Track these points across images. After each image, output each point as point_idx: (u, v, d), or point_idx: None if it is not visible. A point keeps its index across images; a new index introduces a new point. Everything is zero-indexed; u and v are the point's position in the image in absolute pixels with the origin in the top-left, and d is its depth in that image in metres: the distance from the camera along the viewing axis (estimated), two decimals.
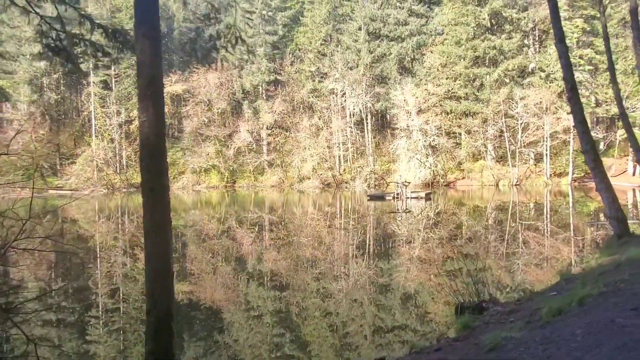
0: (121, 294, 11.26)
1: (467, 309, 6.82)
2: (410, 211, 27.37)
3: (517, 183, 44.62)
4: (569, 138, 42.81)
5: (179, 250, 17.42)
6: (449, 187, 47.27)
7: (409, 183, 37.43)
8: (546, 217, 24.78)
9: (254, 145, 58.31)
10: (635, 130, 45.10)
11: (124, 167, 61.74)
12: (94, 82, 60.02)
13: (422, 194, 34.36)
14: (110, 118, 59.36)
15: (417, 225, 22.40)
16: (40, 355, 6.08)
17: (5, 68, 61.31)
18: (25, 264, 13.38)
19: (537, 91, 42.49)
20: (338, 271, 12.87)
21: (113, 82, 62.34)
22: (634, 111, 44.40)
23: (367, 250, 16.27)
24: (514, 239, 17.52)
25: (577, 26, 44.05)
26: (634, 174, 46.43)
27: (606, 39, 14.78)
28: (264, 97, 60.19)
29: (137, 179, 61.22)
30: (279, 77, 59.45)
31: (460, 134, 48.29)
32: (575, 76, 38.72)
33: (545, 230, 19.86)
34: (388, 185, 48.51)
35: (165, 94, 48.38)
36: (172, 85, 58.95)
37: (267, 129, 58.67)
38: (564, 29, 41.65)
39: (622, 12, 44.93)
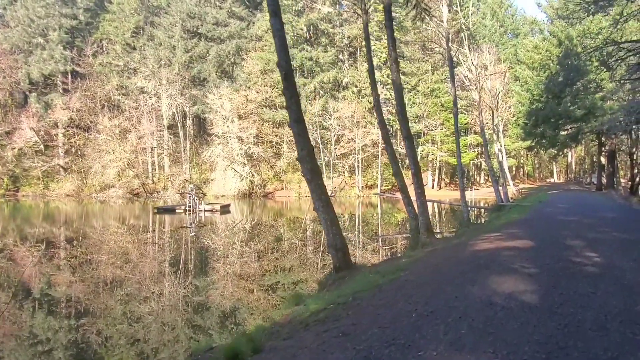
0: None
1: None
2: (204, 225, 23.98)
3: (332, 194, 44.79)
4: (378, 152, 44.57)
5: None
6: (268, 197, 45.36)
7: (204, 195, 33.96)
8: (358, 228, 24.12)
9: (42, 146, 48.34)
10: (431, 147, 49.67)
11: None
12: None
13: (217, 207, 31.12)
14: None
15: (203, 241, 19.32)
16: None
17: None
18: None
19: (349, 105, 43.35)
20: (146, 292, 11.41)
21: None
22: (432, 129, 48.72)
23: (177, 268, 14.46)
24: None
25: (386, 47, 46.42)
26: (433, 187, 50.87)
27: (367, 39, 13.30)
28: (60, 91, 50.65)
29: None
30: (78, 69, 50.65)
31: (278, 143, 46.92)
32: (383, 94, 39.48)
33: (356, 242, 19.09)
34: (204, 195, 44.47)
35: None
36: None
37: (62, 127, 49.29)
38: (374, 48, 43.04)
39: (423, 38, 49.14)
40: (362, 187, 46.53)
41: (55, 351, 7.74)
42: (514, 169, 54.35)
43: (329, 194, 37.79)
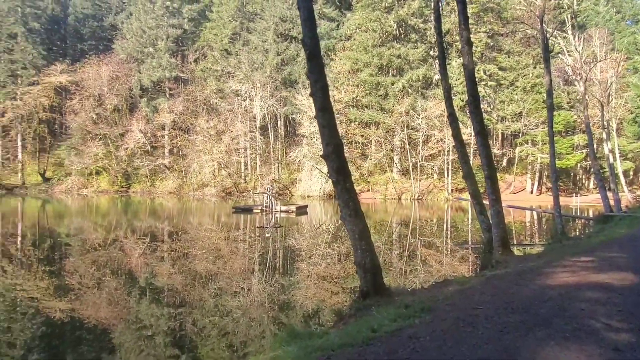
0: None
1: None
2: (281, 226, 24.25)
3: (419, 197, 43.40)
4: (470, 153, 42.26)
5: (59, 261, 15.49)
6: None
7: (291, 194, 34.32)
8: (446, 233, 23.11)
9: (149, 147, 52.94)
10: (531, 148, 45.91)
11: None
12: None
13: (293, 208, 31.24)
14: None
15: (285, 242, 19.54)
16: None
17: None
18: None
19: (438, 103, 41.62)
20: (236, 287, 11.92)
21: None
22: (532, 129, 45.09)
23: (264, 265, 14.92)
24: (411, 256, 15.98)
25: (481, 40, 43.91)
26: (532, 192, 47.09)
27: (437, 20, 12.40)
28: (166, 96, 55.13)
29: (12, 179, 53.69)
30: (181, 75, 54.78)
31: (364, 144, 46.55)
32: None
33: (444, 247, 18.37)
34: (292, 196, 45.60)
35: (47, 85, 42.74)
36: (58, 76, 52.38)
37: (166, 130, 53.64)
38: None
39: (524, 30, 45.61)
40: (452, 190, 44.48)
41: (157, 336, 8.22)
42: (631, 173, 48.28)
43: (416, 196, 36.21)
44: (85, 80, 52.40)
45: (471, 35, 39.36)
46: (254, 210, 31.03)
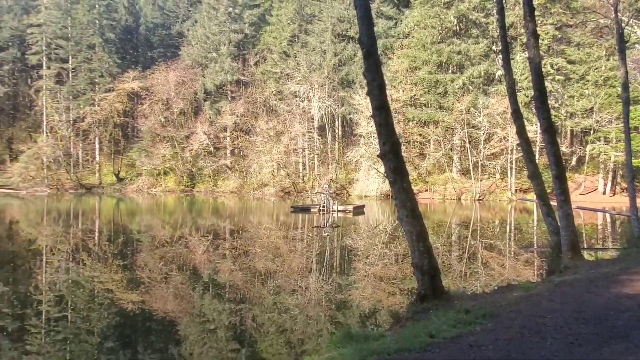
0: (69, 302, 10.66)
1: None
2: (338, 226, 24.40)
3: (480, 198, 41.91)
4: (535, 151, 40.21)
5: (131, 256, 16.88)
6: None
7: (348, 194, 34.39)
8: (509, 235, 22.37)
9: (212, 148, 55.21)
10: (603, 145, 42.80)
11: (78, 165, 58.43)
12: (46, 75, 56.74)
13: (350, 208, 31.20)
14: (61, 114, 56.03)
15: (345, 241, 19.75)
16: None
17: None
18: None
19: (501, 100, 39.94)
20: (294, 285, 12.33)
21: (70, 75, 59.25)
22: (605, 125, 42.09)
23: (321, 264, 15.27)
24: (472, 259, 15.78)
25: (548, 33, 41.63)
26: (604, 192, 43.98)
27: (501, 12, 11.96)
28: (228, 98, 57.24)
29: (90, 179, 58.08)
30: (242, 78, 56.64)
31: (422, 143, 45.66)
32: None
33: (506, 250, 17.84)
34: (349, 196, 45.74)
35: (121, 91, 46.27)
36: (130, 82, 56.03)
37: (228, 131, 55.69)
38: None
39: (596, 20, 42.65)
40: (515, 190, 42.54)
41: (219, 330, 8.69)
42: None
43: (477, 197, 34.97)
44: (154, 85, 55.60)
45: (537, 28, 37.61)
46: (312, 210, 31.43)
